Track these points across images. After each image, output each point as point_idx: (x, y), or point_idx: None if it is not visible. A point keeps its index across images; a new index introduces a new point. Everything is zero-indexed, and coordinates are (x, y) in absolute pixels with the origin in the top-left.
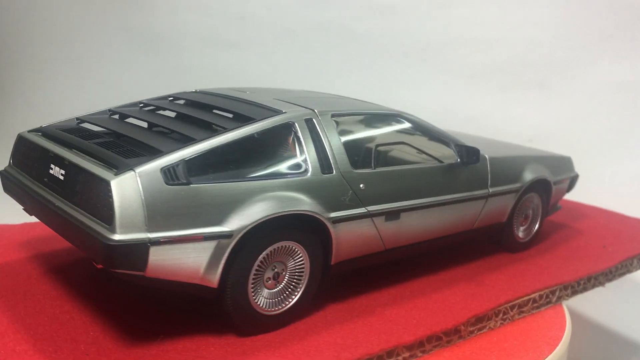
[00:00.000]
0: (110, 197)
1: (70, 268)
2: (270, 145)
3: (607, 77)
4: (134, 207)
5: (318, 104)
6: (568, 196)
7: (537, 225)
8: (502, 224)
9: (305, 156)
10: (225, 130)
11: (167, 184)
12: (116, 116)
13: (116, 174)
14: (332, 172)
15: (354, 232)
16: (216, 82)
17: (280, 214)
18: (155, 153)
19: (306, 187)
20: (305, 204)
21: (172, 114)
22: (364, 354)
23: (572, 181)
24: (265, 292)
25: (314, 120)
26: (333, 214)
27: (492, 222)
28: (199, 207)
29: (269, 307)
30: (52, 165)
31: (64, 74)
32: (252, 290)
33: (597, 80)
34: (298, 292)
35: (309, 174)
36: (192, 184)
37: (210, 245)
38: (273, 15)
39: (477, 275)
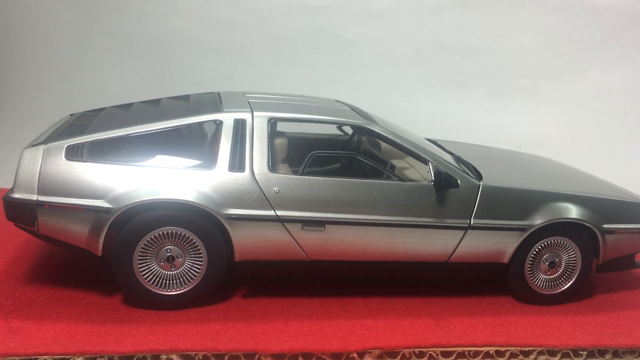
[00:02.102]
0: (19, 163)
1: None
2: (191, 139)
3: (596, 84)
4: (31, 173)
5: (268, 107)
6: None
7: (573, 279)
8: (502, 266)
9: (217, 152)
10: (150, 122)
11: (66, 159)
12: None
13: (31, 146)
14: (243, 171)
15: (259, 233)
16: (204, 88)
17: (161, 200)
18: (78, 134)
19: (205, 181)
20: (194, 195)
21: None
22: (227, 349)
23: None
24: (160, 272)
25: (246, 121)
26: (232, 211)
27: (481, 260)
28: (87, 182)
29: (159, 287)
30: None
31: (51, 78)
32: (140, 267)
33: (586, 88)
34: (195, 280)
35: (213, 169)
36: (88, 162)
37: (91, 216)
38: (262, 22)
39: (457, 311)
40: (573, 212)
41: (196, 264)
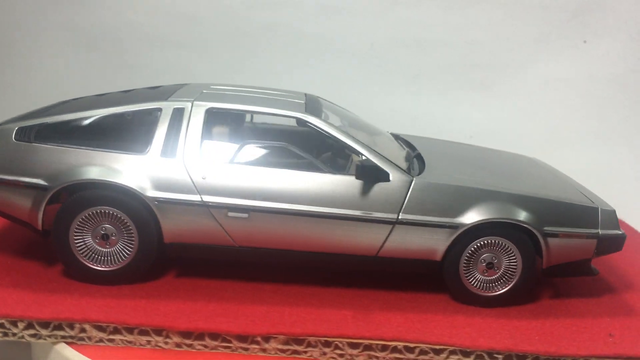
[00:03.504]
0: None
1: None
2: (133, 125)
3: (544, 75)
4: None
5: (214, 98)
6: None
7: (514, 282)
8: (435, 263)
9: (153, 139)
10: (99, 108)
11: (15, 139)
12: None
13: None
14: (174, 157)
15: (185, 217)
16: (161, 82)
17: (95, 181)
18: (32, 118)
19: (138, 165)
20: (124, 177)
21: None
22: (137, 323)
23: (606, 241)
24: (95, 248)
25: (184, 110)
26: (160, 195)
27: (412, 256)
28: (30, 161)
29: (92, 261)
30: None
31: (4, 73)
32: (77, 241)
33: (534, 79)
34: (127, 258)
35: (146, 154)
36: (33, 143)
37: (32, 193)
38: (220, 16)
39: (384, 305)
40: (509, 212)
41: (129, 243)
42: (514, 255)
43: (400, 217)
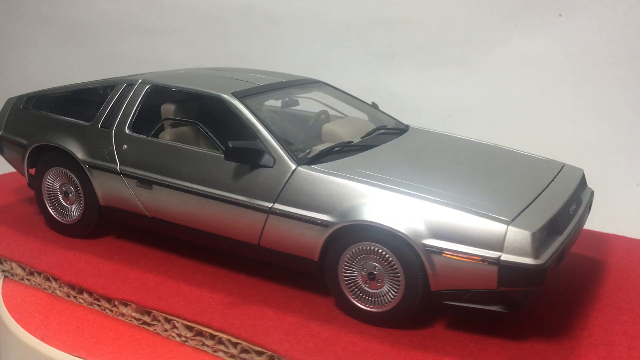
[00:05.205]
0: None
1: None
2: (96, 99)
3: (519, 51)
4: (3, 116)
5: (162, 77)
6: None
7: (398, 299)
8: (314, 263)
9: (101, 111)
10: (82, 83)
11: (22, 107)
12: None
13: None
14: (108, 128)
15: (108, 184)
16: (137, 70)
17: (44, 143)
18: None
19: (82, 133)
20: (67, 142)
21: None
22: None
23: (513, 271)
24: (62, 203)
25: (132, 86)
26: (90, 160)
27: (290, 250)
28: (24, 124)
29: (61, 216)
30: None
31: None
32: (49, 193)
33: (509, 55)
34: (76, 218)
35: (90, 123)
36: (29, 109)
37: (20, 150)
38: (192, 2)
39: (258, 298)
40: (385, 216)
41: (79, 203)
42: (397, 269)
43: (273, 207)
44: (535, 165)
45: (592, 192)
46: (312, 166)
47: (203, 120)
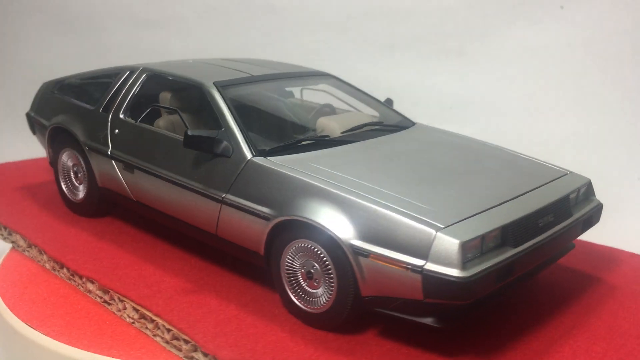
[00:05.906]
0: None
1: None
2: (105, 84)
3: (520, 42)
4: (37, 99)
5: (163, 66)
6: None
7: (331, 301)
8: (260, 257)
9: (104, 96)
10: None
11: (51, 91)
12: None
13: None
14: (107, 112)
15: (102, 166)
16: (138, 60)
17: (57, 125)
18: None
19: (87, 116)
20: (73, 125)
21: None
22: None
23: (437, 282)
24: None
25: (133, 73)
26: (89, 142)
27: (240, 242)
28: (48, 106)
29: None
30: None
31: None
32: (62, 181)
33: (511, 46)
34: (83, 196)
35: (94, 108)
36: (54, 93)
37: (43, 130)
38: None
39: (213, 288)
40: (318, 212)
41: (85, 183)
42: (330, 270)
43: (225, 197)
44: (528, 172)
45: (600, 205)
46: (267, 158)
47: (185, 108)
